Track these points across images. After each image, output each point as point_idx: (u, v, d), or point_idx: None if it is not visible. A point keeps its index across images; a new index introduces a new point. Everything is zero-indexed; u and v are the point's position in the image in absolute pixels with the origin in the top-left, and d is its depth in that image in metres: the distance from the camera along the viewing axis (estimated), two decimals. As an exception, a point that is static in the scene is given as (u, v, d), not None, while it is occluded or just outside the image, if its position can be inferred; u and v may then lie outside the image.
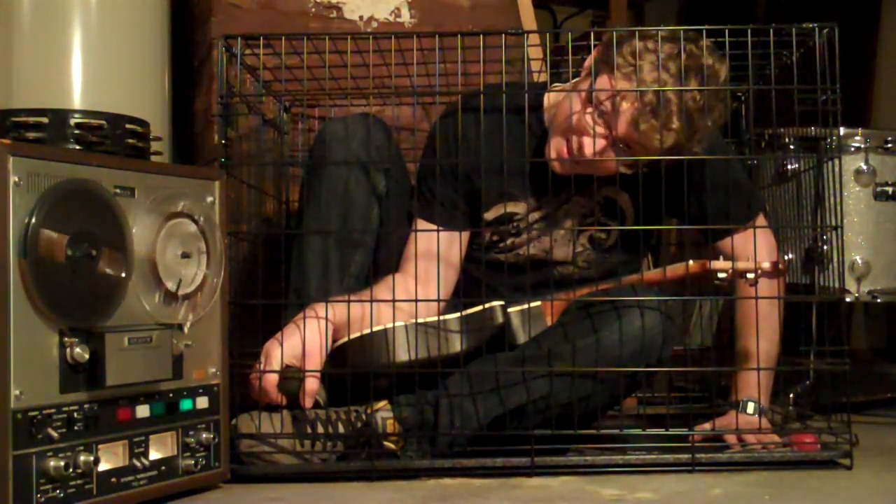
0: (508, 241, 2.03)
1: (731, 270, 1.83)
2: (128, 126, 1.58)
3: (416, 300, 1.80)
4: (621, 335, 1.80)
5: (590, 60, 1.89)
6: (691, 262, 1.86)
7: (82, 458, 1.40)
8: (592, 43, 1.88)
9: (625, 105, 1.80)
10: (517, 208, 2.01)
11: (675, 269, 1.88)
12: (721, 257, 1.88)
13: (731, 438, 1.90)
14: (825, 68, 1.82)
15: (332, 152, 1.95)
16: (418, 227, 1.96)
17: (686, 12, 4.53)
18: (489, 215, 2.01)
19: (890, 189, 2.44)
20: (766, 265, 1.84)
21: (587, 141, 1.84)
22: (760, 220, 2.02)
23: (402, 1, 2.60)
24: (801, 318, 2.00)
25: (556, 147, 1.90)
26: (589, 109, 1.84)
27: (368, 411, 1.81)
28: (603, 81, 1.83)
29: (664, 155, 1.81)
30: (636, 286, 1.87)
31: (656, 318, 1.81)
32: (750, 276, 1.83)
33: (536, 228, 2.01)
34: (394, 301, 1.79)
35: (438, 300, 1.86)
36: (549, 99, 2.02)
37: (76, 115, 1.54)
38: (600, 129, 1.84)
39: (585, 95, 1.84)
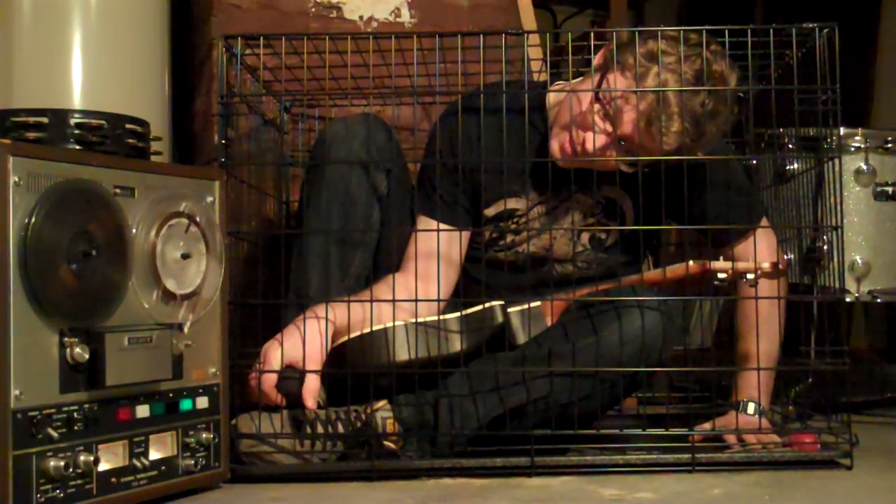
0: (508, 239, 2.03)
1: (731, 271, 1.84)
2: (128, 126, 1.58)
3: (417, 300, 1.81)
4: (621, 335, 1.80)
5: (599, 58, 1.89)
6: (691, 262, 1.86)
7: (82, 457, 1.40)
8: (592, 43, 1.88)
9: (629, 105, 1.80)
10: (518, 204, 2.01)
11: (675, 270, 1.88)
12: (722, 258, 1.88)
13: (731, 438, 1.90)
14: (825, 68, 1.83)
15: (334, 152, 1.96)
16: (420, 223, 1.97)
17: (686, 12, 4.53)
18: (489, 212, 2.02)
19: (890, 189, 2.44)
20: (765, 266, 1.84)
21: (589, 137, 1.84)
22: (763, 223, 2.02)
23: (402, 1, 2.60)
24: (800, 318, 2.00)
25: (558, 140, 1.90)
26: (596, 108, 1.84)
27: (368, 411, 1.81)
28: (610, 80, 1.83)
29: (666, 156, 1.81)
30: (636, 286, 1.87)
31: (656, 318, 1.81)
32: (750, 276, 1.83)
33: (535, 228, 2.01)
34: (394, 301, 1.79)
35: (439, 299, 1.86)
36: (551, 97, 2.02)
37: (76, 115, 1.54)
38: (603, 127, 1.84)
39: (591, 93, 1.85)
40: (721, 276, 1.84)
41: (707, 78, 1.79)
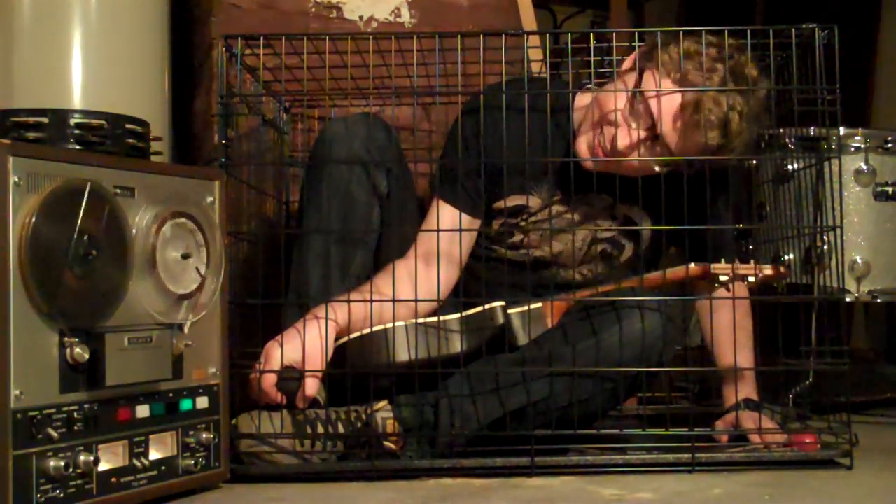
0: (517, 237, 2.03)
1: (731, 274, 1.83)
2: (128, 126, 1.58)
3: (417, 300, 1.80)
4: (621, 337, 1.80)
5: (629, 62, 1.91)
6: (692, 264, 1.86)
7: (82, 458, 1.40)
8: (592, 44, 1.88)
9: (666, 101, 1.81)
10: (531, 202, 2.01)
11: (675, 272, 1.88)
12: (723, 260, 1.88)
13: (754, 438, 1.89)
14: (825, 69, 1.83)
15: (334, 152, 1.96)
16: (441, 210, 1.96)
17: (685, 12, 4.53)
18: (500, 205, 2.02)
19: (890, 189, 2.44)
20: (767, 269, 1.85)
21: (620, 133, 1.85)
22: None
23: (402, 1, 2.60)
24: (800, 318, 2.00)
25: (586, 139, 1.90)
26: (628, 106, 1.85)
27: (368, 411, 1.81)
28: (648, 78, 1.84)
29: (700, 156, 1.82)
30: (636, 288, 1.87)
31: (657, 320, 1.81)
32: (751, 279, 1.83)
33: (545, 228, 2.01)
34: (394, 301, 1.79)
35: (438, 290, 1.86)
36: (578, 99, 2.02)
37: (76, 115, 1.53)
38: (635, 124, 1.85)
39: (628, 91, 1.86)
40: (722, 278, 1.84)
41: (739, 79, 1.81)
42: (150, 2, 2.37)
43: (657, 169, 1.87)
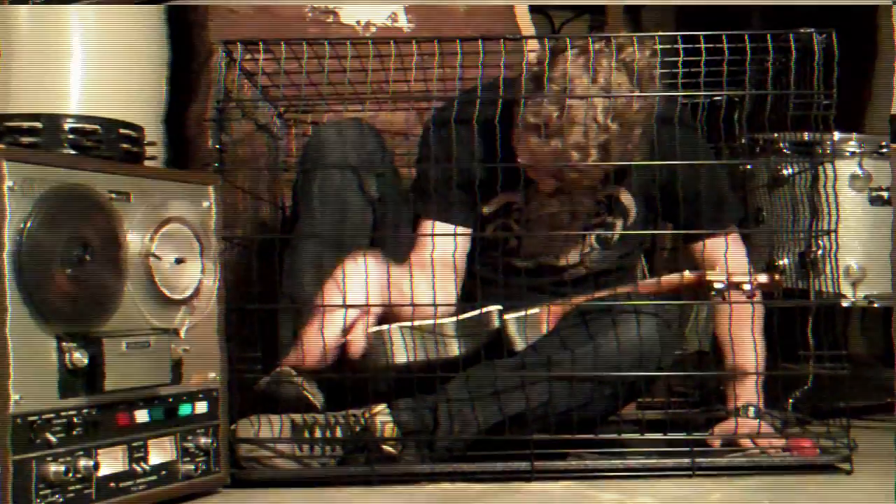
0: (512, 243, 2.03)
1: (726, 281, 1.83)
2: (122, 131, 1.58)
3: (435, 304, 1.80)
4: (620, 343, 1.80)
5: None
6: (687, 272, 1.86)
7: (82, 463, 1.40)
8: (592, 46, 1.87)
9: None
10: (514, 198, 2.00)
11: (670, 280, 1.88)
12: (718, 268, 1.87)
13: (746, 443, 1.89)
14: (821, 73, 1.83)
15: (325, 157, 1.96)
16: (435, 229, 1.96)
17: (683, 17, 4.53)
18: (488, 209, 2.02)
19: (885, 194, 2.44)
20: (762, 278, 1.85)
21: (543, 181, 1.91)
22: (733, 229, 2.03)
23: (400, 6, 2.60)
24: (797, 322, 2.00)
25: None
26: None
27: (367, 415, 1.80)
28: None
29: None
30: (632, 296, 1.86)
31: (654, 326, 1.81)
32: (746, 287, 1.83)
33: (542, 234, 2.01)
34: (412, 305, 1.80)
35: (457, 303, 1.87)
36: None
37: (70, 121, 1.54)
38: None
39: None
40: (717, 286, 1.84)
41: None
42: (146, 9, 2.38)
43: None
